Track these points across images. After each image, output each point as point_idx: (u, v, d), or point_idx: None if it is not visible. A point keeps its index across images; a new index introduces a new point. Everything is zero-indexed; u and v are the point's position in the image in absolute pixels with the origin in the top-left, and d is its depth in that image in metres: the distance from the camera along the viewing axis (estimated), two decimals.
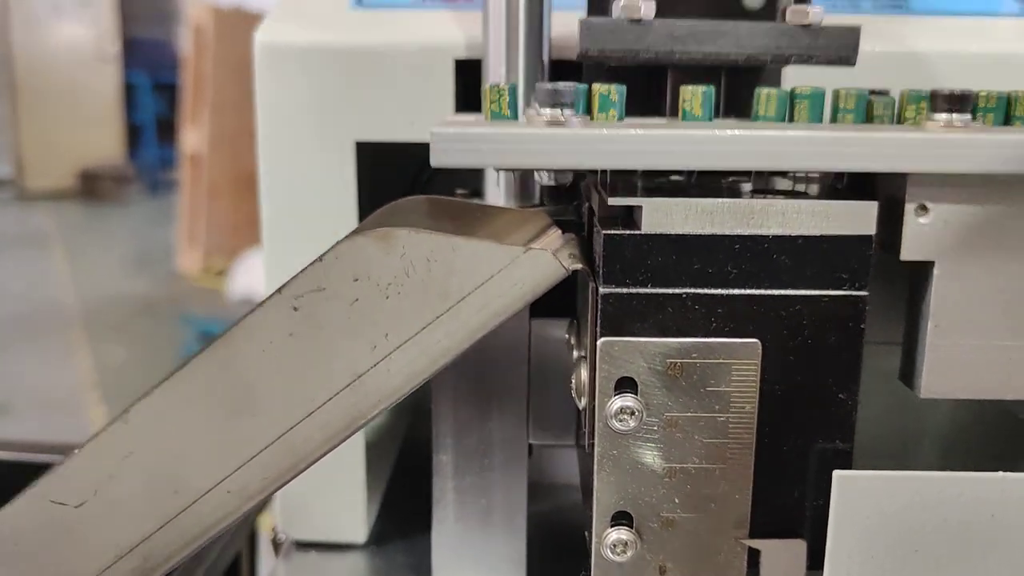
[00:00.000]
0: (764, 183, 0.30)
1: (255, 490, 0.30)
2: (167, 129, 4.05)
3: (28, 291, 2.97)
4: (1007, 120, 0.28)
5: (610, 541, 0.29)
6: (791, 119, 0.28)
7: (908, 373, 0.30)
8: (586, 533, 0.31)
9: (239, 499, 0.30)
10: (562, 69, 0.39)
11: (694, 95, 0.28)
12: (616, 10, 0.30)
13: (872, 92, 0.29)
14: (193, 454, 0.30)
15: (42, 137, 4.38)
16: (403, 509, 0.49)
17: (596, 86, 0.28)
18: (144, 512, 0.31)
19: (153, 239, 3.60)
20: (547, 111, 0.28)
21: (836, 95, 0.28)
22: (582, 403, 0.31)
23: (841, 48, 0.30)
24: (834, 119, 0.29)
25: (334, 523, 0.46)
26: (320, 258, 0.29)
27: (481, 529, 0.39)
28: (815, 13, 0.30)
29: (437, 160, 0.26)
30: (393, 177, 0.48)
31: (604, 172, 0.29)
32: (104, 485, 0.30)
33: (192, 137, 3.02)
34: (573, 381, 0.32)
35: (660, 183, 0.30)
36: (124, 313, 2.82)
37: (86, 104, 4.47)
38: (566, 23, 0.41)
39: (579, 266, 0.28)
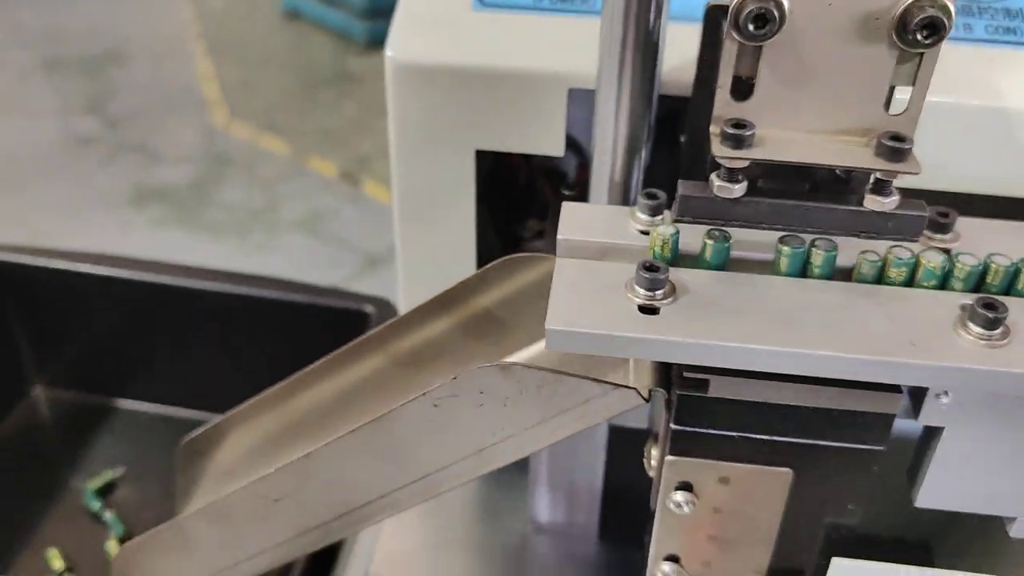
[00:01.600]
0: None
1: (395, 510, 0.41)
2: None
3: None
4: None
5: (661, 570, 0.40)
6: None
7: (911, 482, 0.37)
8: (644, 553, 0.41)
9: (386, 512, 0.42)
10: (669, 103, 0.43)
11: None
12: (712, 184, 0.35)
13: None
14: (356, 483, 0.41)
15: None
16: None
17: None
18: (320, 512, 0.42)
19: None
20: (641, 291, 0.34)
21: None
22: (650, 474, 0.40)
23: (908, 231, 0.34)
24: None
25: None
26: (455, 376, 0.37)
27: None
28: (890, 203, 0.33)
29: (553, 346, 0.33)
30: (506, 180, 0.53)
31: None
32: (293, 493, 0.42)
33: None
34: (646, 452, 0.40)
35: None
36: None
37: None
38: (676, 63, 0.44)
39: (658, 392, 0.36)
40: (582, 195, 0.49)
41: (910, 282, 0.34)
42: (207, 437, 0.53)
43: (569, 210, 0.39)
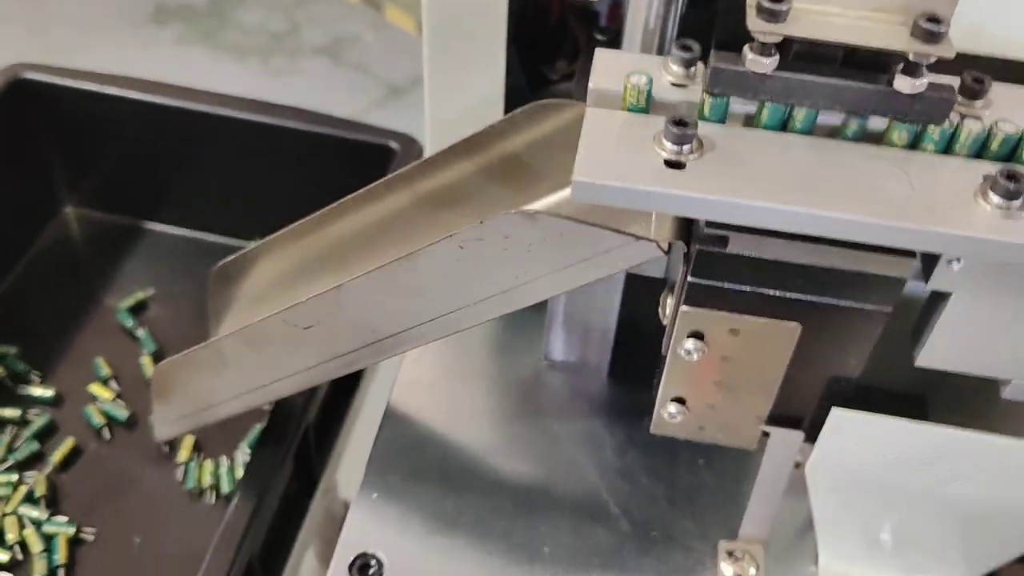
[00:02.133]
0: None
1: (419, 342, 0.43)
2: None
3: None
4: None
5: (667, 410, 0.42)
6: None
7: (914, 342, 0.39)
8: (652, 394, 0.43)
9: (410, 344, 0.44)
10: None
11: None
12: (744, 58, 0.34)
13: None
14: (383, 315, 0.43)
15: None
16: None
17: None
18: (347, 341, 0.44)
19: None
20: (669, 145, 0.34)
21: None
22: (664, 322, 0.41)
23: (935, 114, 0.34)
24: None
25: None
26: (481, 221, 0.38)
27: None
28: (919, 84, 0.33)
29: (579, 198, 0.34)
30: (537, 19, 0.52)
31: None
32: (323, 321, 0.44)
33: None
34: (661, 301, 0.42)
35: None
36: None
37: None
38: None
39: (677, 245, 0.37)
40: (614, 41, 0.49)
41: (944, 149, 0.35)
42: (238, 263, 0.55)
43: (601, 57, 0.39)
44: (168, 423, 0.54)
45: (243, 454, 0.69)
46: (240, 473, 0.67)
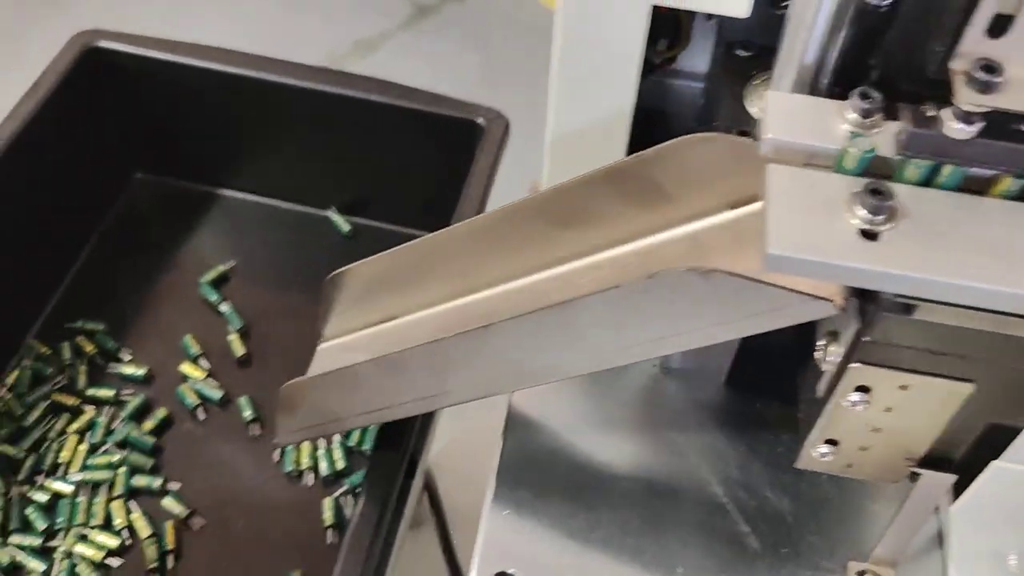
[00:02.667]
0: None
1: (559, 378, 0.43)
2: None
3: None
4: None
5: (818, 450, 0.42)
6: None
7: None
8: (800, 432, 0.43)
9: (550, 379, 0.44)
10: None
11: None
12: (942, 123, 0.33)
13: None
14: (530, 355, 0.42)
15: None
16: None
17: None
18: (488, 374, 0.44)
19: None
20: (863, 213, 0.33)
21: None
22: (823, 368, 0.41)
23: None
24: None
25: None
26: (650, 275, 0.37)
27: None
28: None
29: (772, 269, 0.33)
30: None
31: None
32: (467, 356, 0.44)
33: None
34: (818, 343, 0.41)
35: None
36: None
37: None
38: None
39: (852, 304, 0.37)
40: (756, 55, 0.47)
41: None
42: (352, 272, 0.54)
43: (775, 101, 0.38)
44: (291, 432, 0.55)
45: (339, 436, 0.70)
46: (338, 455, 0.68)
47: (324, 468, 0.68)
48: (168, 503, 0.66)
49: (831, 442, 0.42)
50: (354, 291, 0.55)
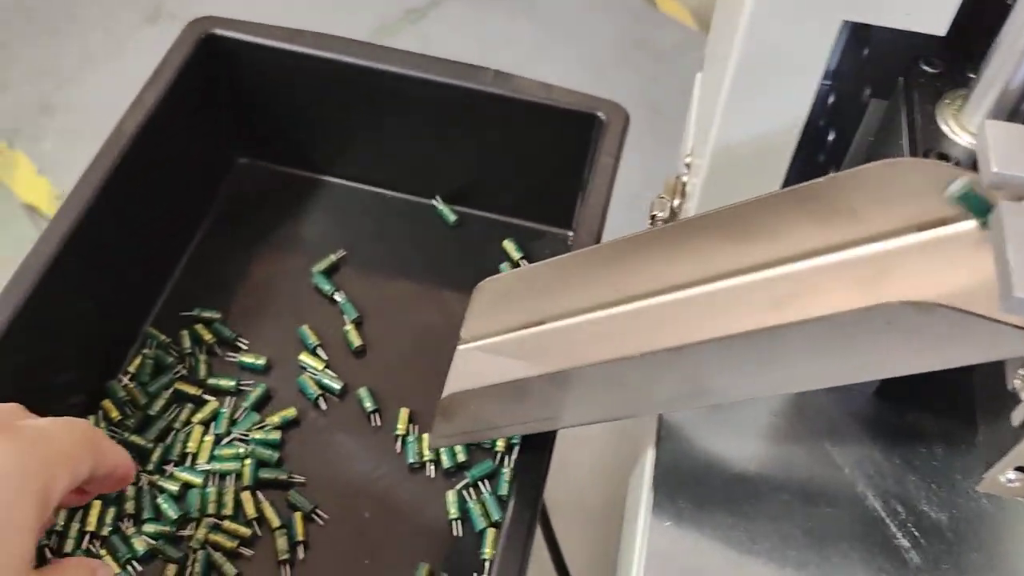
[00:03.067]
0: None
1: (735, 400, 0.43)
2: None
3: None
4: None
5: (1007, 477, 0.42)
6: None
7: None
8: (983, 455, 0.43)
9: (727, 400, 0.44)
10: None
11: None
12: None
13: None
14: (720, 376, 0.42)
15: None
16: None
17: None
18: (667, 392, 0.44)
19: None
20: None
21: None
22: (1022, 397, 0.41)
23: None
24: None
25: None
26: (867, 308, 0.37)
27: None
28: None
29: (1012, 311, 0.33)
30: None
31: None
32: (650, 376, 0.44)
33: None
34: (1007, 368, 0.41)
35: None
36: None
37: None
38: None
39: None
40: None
41: None
42: (503, 279, 0.54)
43: (993, 131, 0.37)
44: (445, 436, 0.55)
45: None
46: (459, 448, 0.68)
47: (446, 460, 0.68)
48: (294, 495, 0.67)
49: (1021, 469, 0.42)
50: (500, 296, 0.55)
